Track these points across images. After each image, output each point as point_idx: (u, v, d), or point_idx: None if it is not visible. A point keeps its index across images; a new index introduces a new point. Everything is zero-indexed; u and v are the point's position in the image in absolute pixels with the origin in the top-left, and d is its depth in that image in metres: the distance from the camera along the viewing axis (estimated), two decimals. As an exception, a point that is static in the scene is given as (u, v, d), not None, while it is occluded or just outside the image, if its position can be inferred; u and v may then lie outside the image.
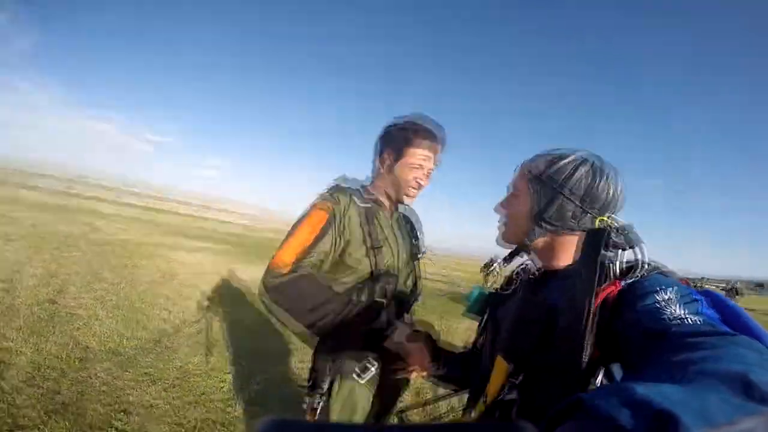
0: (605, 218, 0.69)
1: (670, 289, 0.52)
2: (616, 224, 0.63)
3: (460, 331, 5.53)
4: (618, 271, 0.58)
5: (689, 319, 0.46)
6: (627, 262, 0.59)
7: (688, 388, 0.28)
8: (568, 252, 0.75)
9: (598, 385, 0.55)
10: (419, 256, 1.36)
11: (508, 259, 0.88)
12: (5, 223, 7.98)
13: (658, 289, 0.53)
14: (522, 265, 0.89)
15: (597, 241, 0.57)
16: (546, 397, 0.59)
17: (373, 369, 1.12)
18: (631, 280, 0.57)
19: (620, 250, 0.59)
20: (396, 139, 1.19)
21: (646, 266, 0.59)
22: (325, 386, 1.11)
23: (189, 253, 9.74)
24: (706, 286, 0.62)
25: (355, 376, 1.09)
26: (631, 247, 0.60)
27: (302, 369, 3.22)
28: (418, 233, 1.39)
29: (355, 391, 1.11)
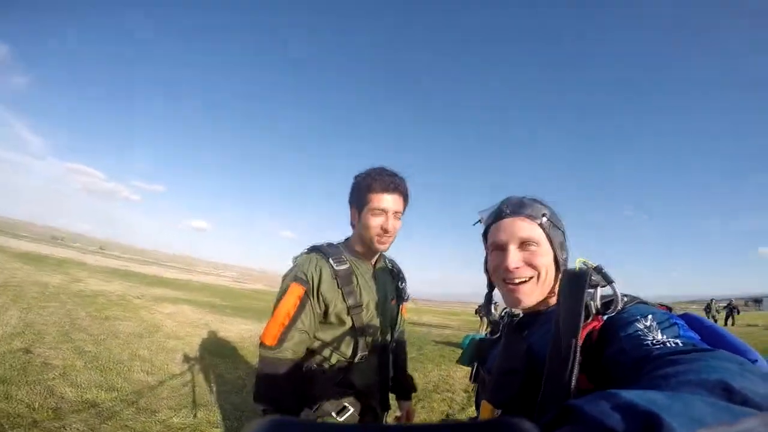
0: (584, 260, 0.69)
1: (649, 316, 0.55)
2: (593, 265, 0.65)
3: (458, 378, 5.25)
4: (598, 306, 0.60)
5: (670, 342, 0.48)
6: (603, 297, 0.62)
7: (672, 394, 0.29)
8: (551, 294, 0.75)
9: None
10: (403, 300, 1.40)
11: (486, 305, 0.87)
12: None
13: (638, 317, 0.55)
14: (507, 308, 0.87)
15: (580, 282, 0.57)
16: None
17: (351, 409, 1.14)
18: (612, 314, 0.59)
19: (597, 288, 0.61)
20: (358, 190, 1.23)
21: (624, 299, 0.62)
22: None
23: (174, 306, 9.34)
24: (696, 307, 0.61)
25: (334, 414, 1.11)
26: (605, 286, 0.62)
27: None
28: (404, 279, 1.43)
29: None
